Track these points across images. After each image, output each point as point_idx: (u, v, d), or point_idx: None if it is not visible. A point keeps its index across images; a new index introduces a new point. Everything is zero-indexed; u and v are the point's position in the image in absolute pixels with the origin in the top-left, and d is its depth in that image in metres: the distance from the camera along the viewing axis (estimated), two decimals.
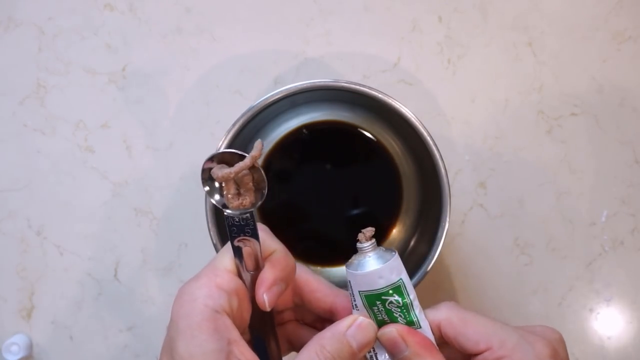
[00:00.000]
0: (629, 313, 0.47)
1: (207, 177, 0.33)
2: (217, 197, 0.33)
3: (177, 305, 0.29)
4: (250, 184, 0.32)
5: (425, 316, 0.31)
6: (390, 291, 0.30)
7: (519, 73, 0.48)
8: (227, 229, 0.31)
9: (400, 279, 0.30)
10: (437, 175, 0.38)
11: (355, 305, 0.31)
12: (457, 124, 0.48)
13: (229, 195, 0.32)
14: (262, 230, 0.32)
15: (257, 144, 0.31)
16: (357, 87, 0.38)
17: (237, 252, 0.31)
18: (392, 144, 0.44)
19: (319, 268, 0.45)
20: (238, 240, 0.31)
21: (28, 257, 0.48)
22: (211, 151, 0.37)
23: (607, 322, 0.47)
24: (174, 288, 0.47)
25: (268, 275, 0.31)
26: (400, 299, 0.30)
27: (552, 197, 0.47)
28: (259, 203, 0.31)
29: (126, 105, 0.48)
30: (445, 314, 0.31)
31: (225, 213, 0.31)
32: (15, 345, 0.46)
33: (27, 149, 0.48)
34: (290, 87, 0.39)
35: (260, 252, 0.31)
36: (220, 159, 0.33)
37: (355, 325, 0.31)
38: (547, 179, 0.47)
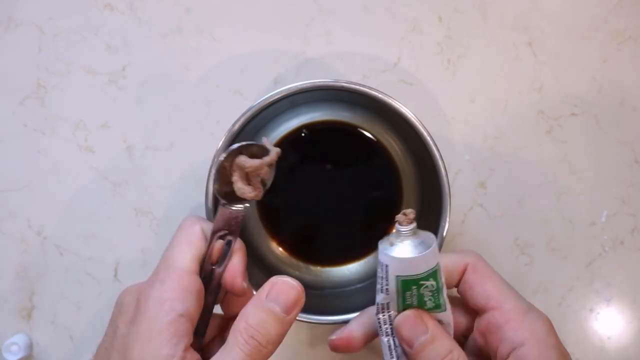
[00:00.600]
0: (629, 313, 0.47)
1: (218, 167, 0.33)
2: (215, 186, 0.33)
3: (144, 306, 0.29)
4: (260, 178, 0.32)
5: (451, 258, 0.32)
6: (428, 276, 0.29)
7: (519, 73, 0.48)
8: (217, 217, 0.32)
9: (438, 263, 0.30)
10: (437, 175, 0.38)
11: (386, 289, 0.30)
12: (457, 124, 0.48)
13: (240, 185, 0.32)
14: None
15: (267, 141, 0.32)
16: (357, 87, 0.38)
17: (217, 237, 0.31)
18: (392, 144, 0.44)
19: (319, 268, 0.45)
20: (221, 234, 0.31)
21: (28, 257, 0.48)
22: (212, 149, 0.37)
23: (607, 322, 0.47)
24: None
25: (242, 265, 0.32)
26: (435, 283, 0.30)
27: (552, 197, 0.47)
28: (260, 197, 0.33)
29: (126, 105, 0.48)
30: (472, 260, 0.32)
31: (222, 203, 0.32)
32: (15, 345, 0.46)
33: (27, 149, 0.48)
34: (290, 87, 0.39)
35: (232, 247, 0.31)
36: (239, 151, 0.33)
37: (275, 290, 0.29)
38: (547, 179, 0.47)
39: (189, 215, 0.33)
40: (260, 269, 0.43)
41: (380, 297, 0.31)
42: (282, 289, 0.29)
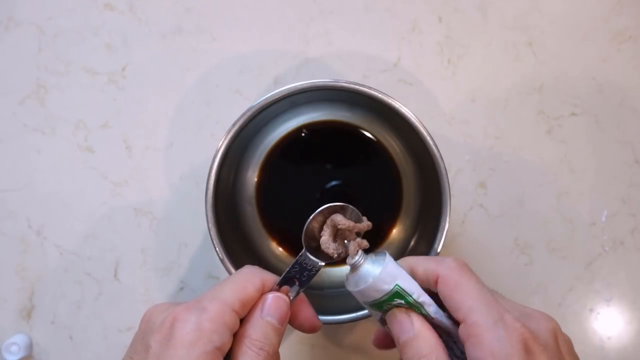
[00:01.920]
0: (629, 313, 0.47)
1: (311, 220, 0.35)
2: (305, 237, 0.35)
3: (180, 330, 0.29)
4: (346, 242, 0.34)
5: (426, 267, 0.32)
6: (391, 297, 0.30)
7: (519, 73, 0.48)
8: (293, 264, 0.33)
9: (397, 284, 0.30)
10: (437, 175, 0.38)
11: (369, 312, 0.33)
12: (457, 124, 0.48)
13: (326, 239, 0.34)
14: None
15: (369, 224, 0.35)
16: (357, 87, 0.38)
17: (284, 282, 0.34)
18: (392, 144, 0.44)
19: None
20: (290, 278, 0.34)
21: (28, 257, 0.48)
22: (212, 149, 0.37)
23: (607, 322, 0.47)
24: (174, 288, 0.47)
25: (312, 309, 0.35)
26: (403, 302, 0.30)
27: (552, 197, 0.47)
28: (337, 259, 0.34)
29: (126, 105, 0.48)
30: (445, 271, 0.31)
31: (307, 254, 0.34)
32: (15, 345, 0.46)
33: (27, 149, 0.48)
34: (290, 87, 0.39)
35: (295, 295, 0.34)
36: (334, 210, 0.35)
37: (267, 305, 0.32)
38: (547, 179, 0.47)
39: (252, 266, 0.34)
40: None
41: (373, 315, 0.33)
42: (274, 303, 0.32)
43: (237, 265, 0.39)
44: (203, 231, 0.39)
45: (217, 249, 0.39)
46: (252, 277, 0.33)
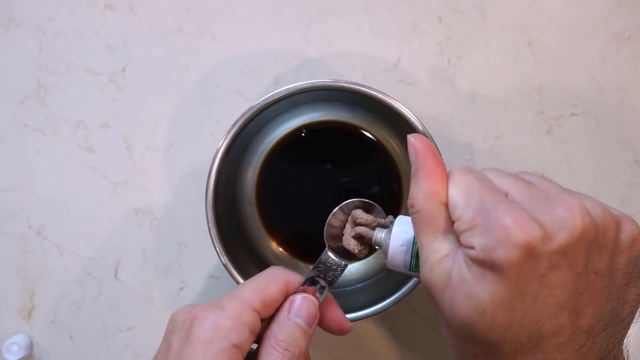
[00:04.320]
0: None
1: (332, 218, 0.35)
2: (327, 236, 0.35)
3: (199, 328, 0.29)
4: (368, 241, 0.34)
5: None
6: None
7: (519, 73, 0.48)
8: (316, 264, 0.33)
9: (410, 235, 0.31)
10: None
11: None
12: (457, 124, 0.48)
13: (348, 237, 0.34)
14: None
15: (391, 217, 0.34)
16: (357, 87, 0.38)
17: (310, 283, 0.33)
18: (392, 144, 0.45)
19: None
20: (316, 277, 0.33)
21: (28, 257, 0.48)
22: (212, 149, 0.37)
23: None
24: (174, 288, 0.48)
25: (341, 311, 0.34)
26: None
27: None
28: (362, 259, 0.34)
29: (126, 105, 0.48)
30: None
31: (328, 253, 0.34)
32: (16, 345, 0.46)
33: (27, 149, 0.48)
34: (290, 87, 0.39)
35: (321, 296, 0.33)
36: (354, 206, 0.35)
37: (295, 307, 0.31)
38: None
39: (277, 266, 0.34)
40: (260, 269, 0.43)
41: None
42: (303, 304, 0.31)
43: (237, 265, 0.39)
44: (203, 231, 0.39)
45: (217, 249, 0.39)
46: (275, 277, 0.32)
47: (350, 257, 0.34)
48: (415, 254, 0.30)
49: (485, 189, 0.27)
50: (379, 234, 0.32)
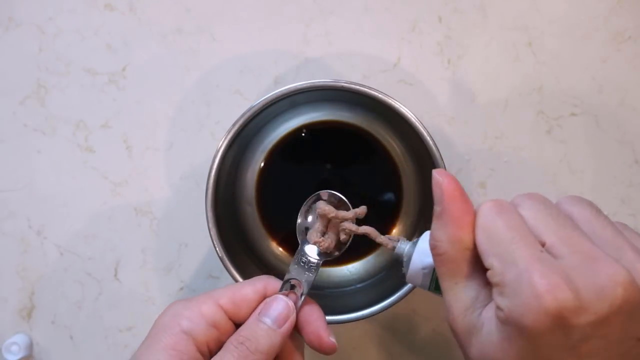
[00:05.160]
0: None
1: (305, 210, 0.35)
2: (304, 232, 0.35)
3: (161, 316, 0.31)
4: (338, 233, 0.34)
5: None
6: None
7: (519, 73, 0.48)
8: (291, 265, 0.33)
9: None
10: None
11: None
12: (457, 124, 0.48)
13: (314, 233, 0.34)
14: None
15: (363, 208, 0.34)
16: (357, 87, 0.38)
17: (289, 287, 0.33)
18: (392, 144, 0.44)
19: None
20: (292, 280, 0.33)
21: (28, 257, 0.48)
22: (212, 149, 0.37)
23: None
24: (174, 288, 0.48)
25: (323, 320, 0.33)
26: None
27: (552, 197, 0.47)
28: (334, 256, 0.34)
29: (126, 105, 0.48)
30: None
31: (304, 250, 0.34)
32: (16, 345, 0.46)
33: (27, 149, 0.48)
34: (290, 87, 0.39)
35: (299, 300, 0.33)
36: (318, 198, 0.35)
37: (266, 305, 0.31)
38: (547, 179, 0.47)
39: (268, 276, 0.34)
40: (260, 269, 0.43)
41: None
42: (272, 304, 0.32)
43: (237, 265, 0.39)
44: (203, 231, 0.39)
45: (217, 249, 0.39)
46: (255, 280, 0.33)
47: (323, 255, 0.34)
48: (436, 280, 0.29)
49: (517, 238, 0.25)
50: (403, 246, 0.31)
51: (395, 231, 0.45)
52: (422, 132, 0.38)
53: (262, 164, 0.45)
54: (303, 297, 0.33)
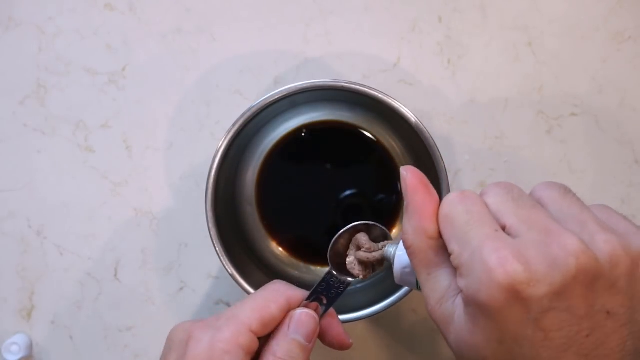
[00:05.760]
0: None
1: (337, 238, 0.34)
2: (330, 253, 0.34)
3: (193, 350, 0.29)
4: (372, 264, 0.34)
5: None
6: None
7: (519, 73, 0.48)
8: (320, 282, 0.33)
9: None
10: (437, 175, 0.38)
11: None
12: (457, 124, 0.48)
13: (352, 260, 0.34)
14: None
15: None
16: (357, 87, 0.38)
17: (312, 299, 0.33)
18: (392, 144, 0.45)
19: (319, 268, 0.45)
20: (319, 296, 0.33)
21: (28, 257, 0.48)
22: (212, 149, 0.37)
23: None
24: (174, 288, 0.48)
25: (342, 327, 0.34)
26: None
27: None
28: (365, 278, 0.34)
29: (126, 105, 0.48)
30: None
31: (331, 268, 0.33)
32: (15, 345, 0.46)
33: (27, 149, 0.48)
34: (290, 87, 0.39)
35: (322, 313, 0.33)
36: (359, 229, 0.34)
37: (294, 322, 0.31)
38: (547, 179, 0.47)
39: (280, 281, 0.34)
40: (260, 269, 0.43)
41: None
42: (302, 320, 0.32)
43: (237, 265, 0.39)
44: (203, 231, 0.39)
45: (217, 249, 0.39)
46: (276, 295, 0.32)
47: (354, 276, 0.34)
48: None
49: (473, 221, 0.25)
50: (390, 249, 0.31)
51: (395, 231, 0.45)
52: (422, 132, 0.38)
53: (262, 164, 0.45)
54: (327, 310, 0.33)
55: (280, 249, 0.45)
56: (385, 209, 0.45)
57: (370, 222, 0.33)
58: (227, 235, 0.40)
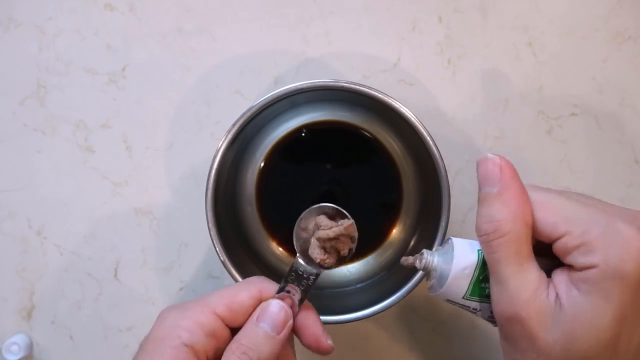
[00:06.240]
0: None
1: (299, 223, 0.34)
2: (298, 243, 0.34)
3: (157, 327, 0.30)
4: (338, 248, 0.33)
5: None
6: (482, 268, 0.28)
7: (519, 73, 0.48)
8: (289, 272, 0.33)
9: (478, 250, 0.28)
10: (437, 175, 0.38)
11: (475, 309, 0.29)
12: (457, 124, 0.48)
13: (315, 250, 0.33)
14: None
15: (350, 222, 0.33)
16: (357, 87, 0.38)
17: (284, 290, 0.32)
18: (392, 144, 0.44)
19: None
20: (289, 287, 0.32)
21: (28, 257, 0.48)
22: (212, 149, 0.37)
23: None
24: (174, 288, 0.48)
25: (320, 325, 0.32)
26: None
27: None
28: (333, 267, 0.33)
29: (126, 105, 0.48)
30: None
31: (299, 260, 0.33)
32: (16, 345, 0.46)
33: (27, 149, 0.48)
34: (290, 87, 0.39)
35: (297, 306, 0.32)
36: (320, 211, 0.34)
37: (262, 312, 0.31)
38: (547, 179, 0.47)
39: (260, 276, 0.34)
40: (260, 269, 0.43)
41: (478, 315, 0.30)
42: (270, 310, 0.31)
43: (237, 264, 0.39)
44: (203, 231, 0.39)
45: (217, 249, 0.39)
46: (249, 285, 0.32)
47: (321, 266, 0.33)
48: (474, 281, 0.28)
49: (577, 200, 0.26)
50: (429, 257, 0.30)
51: (395, 231, 0.45)
52: (422, 132, 0.38)
53: (262, 164, 0.45)
54: (301, 304, 0.33)
55: (280, 249, 0.45)
56: (386, 209, 0.45)
57: (330, 205, 0.33)
58: (227, 235, 0.40)
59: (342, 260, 0.34)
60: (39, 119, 0.48)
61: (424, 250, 0.31)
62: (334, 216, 0.34)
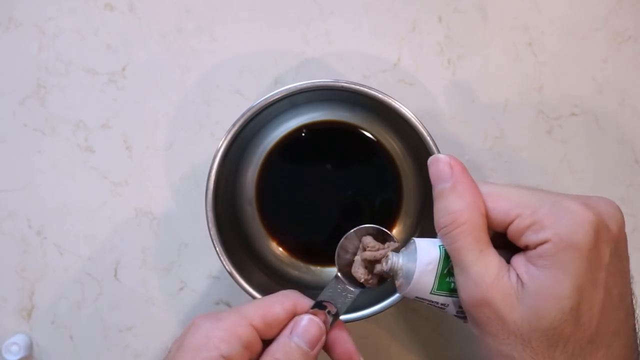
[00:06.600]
0: None
1: (343, 242, 0.34)
2: (339, 260, 0.34)
3: (192, 336, 0.30)
4: (380, 268, 0.33)
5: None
6: (445, 262, 0.29)
7: (519, 73, 0.48)
8: (328, 286, 0.33)
9: (439, 246, 0.29)
10: None
11: (443, 305, 0.30)
12: (457, 124, 0.48)
13: (358, 267, 0.33)
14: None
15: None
16: (357, 87, 0.38)
17: (320, 307, 0.32)
18: (392, 144, 0.44)
19: (319, 268, 0.45)
20: (325, 302, 0.33)
21: (28, 257, 0.48)
22: (212, 149, 0.37)
23: None
24: (174, 288, 0.48)
25: (352, 343, 0.33)
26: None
27: None
28: (375, 287, 0.33)
29: (126, 105, 0.48)
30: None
31: (337, 275, 0.33)
32: (15, 345, 0.46)
33: (27, 149, 0.48)
34: (290, 87, 0.39)
35: (330, 323, 0.32)
36: (366, 232, 0.34)
37: (297, 326, 0.31)
38: (547, 179, 0.47)
39: (294, 290, 0.34)
40: (260, 269, 0.43)
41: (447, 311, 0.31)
42: (305, 325, 0.31)
43: (237, 265, 0.39)
44: (203, 231, 0.39)
45: (217, 249, 0.39)
46: (283, 298, 0.32)
47: (361, 284, 0.33)
48: (439, 275, 0.29)
49: (524, 189, 0.28)
50: (395, 258, 0.31)
51: (395, 231, 0.45)
52: (422, 132, 0.38)
53: (262, 164, 0.45)
54: (335, 320, 0.32)
55: (280, 249, 0.45)
56: (386, 209, 0.45)
57: (378, 227, 0.33)
58: (227, 235, 0.40)
59: (384, 281, 0.33)
60: (39, 119, 0.48)
61: (390, 253, 0.32)
62: (376, 236, 0.34)
